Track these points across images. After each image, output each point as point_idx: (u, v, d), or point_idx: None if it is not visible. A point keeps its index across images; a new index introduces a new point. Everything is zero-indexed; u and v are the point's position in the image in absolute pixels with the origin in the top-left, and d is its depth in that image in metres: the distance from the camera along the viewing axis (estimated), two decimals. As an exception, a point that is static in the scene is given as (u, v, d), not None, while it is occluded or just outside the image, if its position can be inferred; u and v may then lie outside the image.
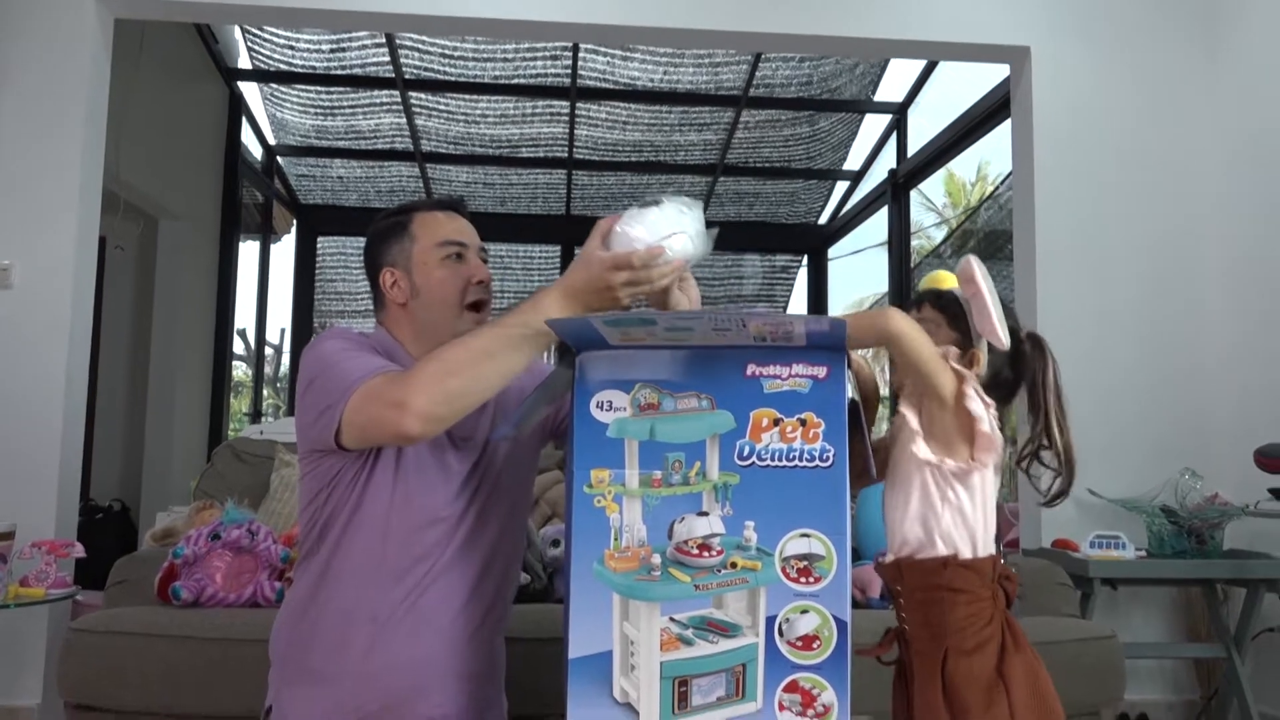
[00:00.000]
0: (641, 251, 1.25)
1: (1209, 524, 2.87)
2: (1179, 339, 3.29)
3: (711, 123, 5.56)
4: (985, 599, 1.19)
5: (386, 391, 1.30)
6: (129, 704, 2.00)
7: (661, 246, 1.26)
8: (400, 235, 1.53)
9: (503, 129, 5.61)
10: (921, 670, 1.19)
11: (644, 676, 1.17)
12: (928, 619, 1.19)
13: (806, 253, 7.06)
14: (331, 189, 6.35)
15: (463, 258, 1.52)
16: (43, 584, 2.54)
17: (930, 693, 1.17)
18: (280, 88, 5.30)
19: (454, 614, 1.44)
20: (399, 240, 1.53)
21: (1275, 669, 3.02)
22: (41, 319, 2.97)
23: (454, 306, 1.50)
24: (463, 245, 1.52)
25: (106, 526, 4.54)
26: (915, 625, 1.21)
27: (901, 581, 1.22)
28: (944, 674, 1.17)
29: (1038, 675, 1.19)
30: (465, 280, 1.50)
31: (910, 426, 1.21)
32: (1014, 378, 1.27)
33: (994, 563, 1.21)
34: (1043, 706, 1.18)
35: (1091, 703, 2.24)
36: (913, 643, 1.22)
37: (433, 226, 1.53)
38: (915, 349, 1.16)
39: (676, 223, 1.27)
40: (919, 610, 1.20)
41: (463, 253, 1.52)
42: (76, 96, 3.05)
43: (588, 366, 1.22)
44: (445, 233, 1.53)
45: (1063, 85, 3.38)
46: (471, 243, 1.54)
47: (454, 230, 1.54)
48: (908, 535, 1.21)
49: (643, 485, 1.19)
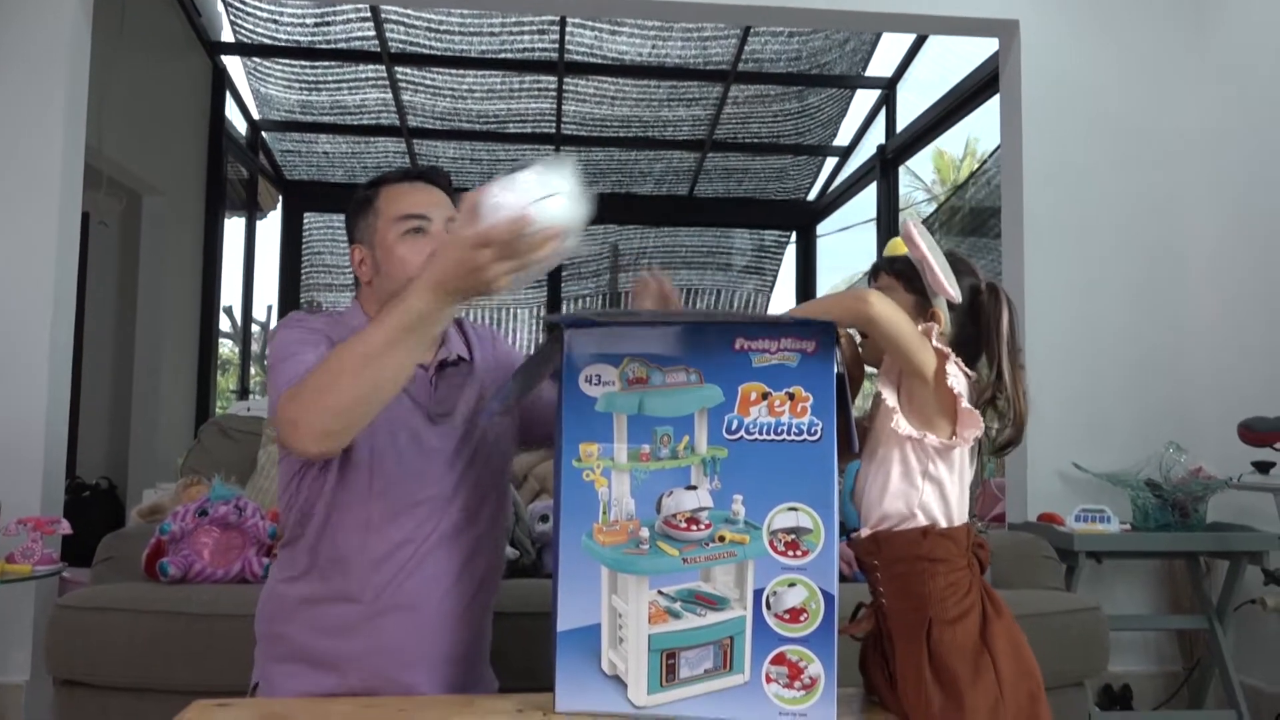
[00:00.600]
0: (503, 222, 1.08)
1: (1193, 497, 2.90)
2: (1165, 313, 3.31)
3: (700, 98, 5.53)
4: (963, 568, 1.20)
5: (285, 409, 1.22)
6: (117, 680, 2.00)
7: (528, 213, 1.08)
8: (366, 210, 1.47)
9: (490, 104, 5.57)
10: (903, 642, 1.20)
11: (632, 649, 1.17)
12: (907, 590, 1.20)
13: (795, 229, 7.06)
14: (317, 164, 6.30)
15: (424, 231, 1.42)
16: (29, 560, 2.53)
17: (915, 664, 1.17)
18: (264, 62, 5.24)
19: (442, 593, 1.43)
20: (365, 216, 1.47)
21: (1256, 640, 3.06)
22: (24, 296, 2.94)
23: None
24: (424, 218, 1.42)
25: (94, 504, 4.53)
26: (894, 598, 1.22)
27: (879, 555, 1.22)
28: (929, 644, 1.17)
29: (1020, 643, 1.20)
30: (428, 254, 1.35)
31: (887, 404, 1.22)
32: (976, 331, 1.27)
33: (968, 531, 1.22)
34: (1027, 674, 1.19)
35: (1076, 674, 2.26)
36: (891, 615, 1.22)
37: (395, 199, 1.44)
38: (894, 330, 1.16)
39: (549, 185, 1.11)
40: (898, 582, 1.21)
41: (424, 226, 1.42)
42: (56, 70, 3.01)
43: (576, 341, 1.21)
44: (405, 205, 1.43)
45: (1051, 59, 3.37)
46: (436, 215, 1.43)
47: (416, 202, 1.43)
48: (888, 510, 1.21)
49: (631, 459, 1.19)
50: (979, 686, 1.15)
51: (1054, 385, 3.20)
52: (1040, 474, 3.21)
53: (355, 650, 1.39)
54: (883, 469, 1.22)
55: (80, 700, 2.03)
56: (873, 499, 1.23)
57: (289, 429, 1.22)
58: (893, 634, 1.22)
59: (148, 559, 2.16)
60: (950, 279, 1.22)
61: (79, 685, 2.04)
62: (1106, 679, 3.07)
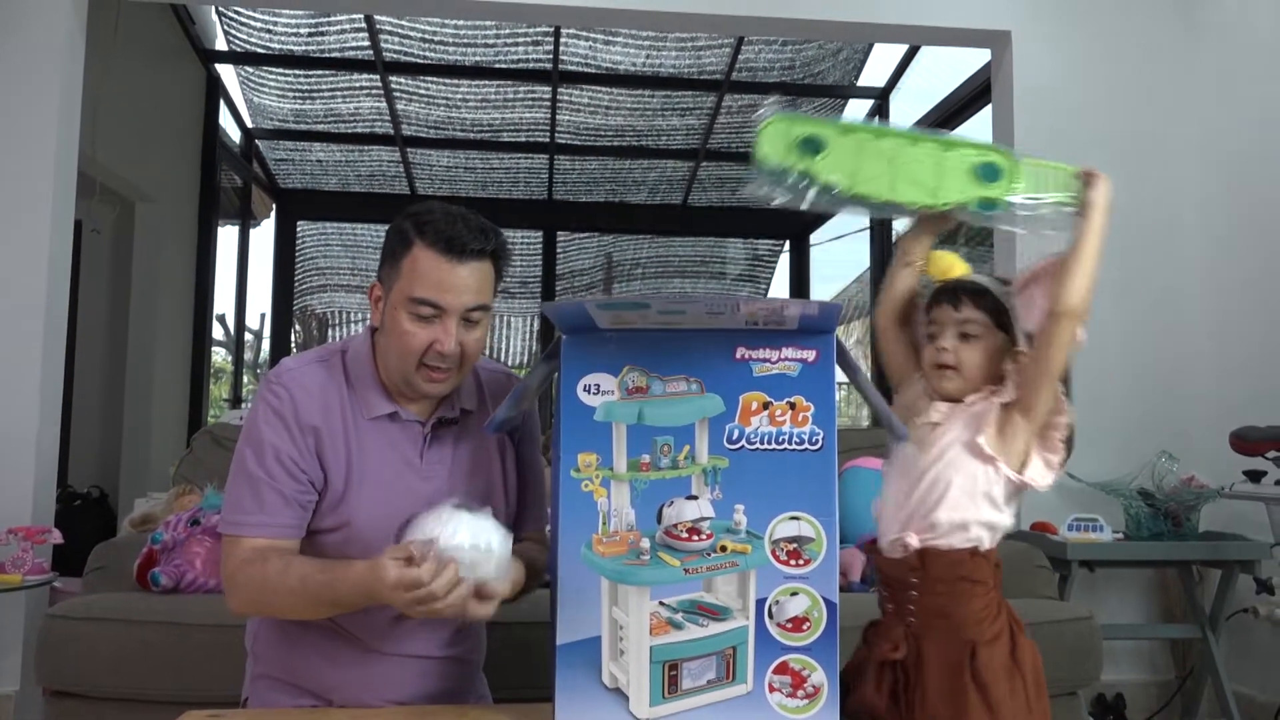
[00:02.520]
0: (441, 582, 1.15)
1: (1185, 506, 2.91)
2: (1157, 323, 3.32)
3: (694, 107, 5.55)
4: (994, 589, 1.21)
5: (224, 570, 1.35)
6: (107, 690, 1.99)
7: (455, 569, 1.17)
8: (397, 257, 1.36)
9: (484, 113, 5.57)
10: (940, 663, 1.19)
11: (633, 661, 1.17)
12: (947, 611, 1.19)
13: (788, 238, 7.07)
14: (311, 173, 6.30)
15: (436, 319, 1.33)
16: (19, 570, 2.52)
17: (955, 686, 1.17)
18: (257, 72, 5.24)
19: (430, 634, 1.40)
20: (394, 260, 1.36)
21: (1249, 649, 3.06)
22: (16, 303, 2.93)
23: (411, 360, 1.34)
24: (438, 309, 1.32)
25: (85, 513, 4.50)
26: (930, 615, 1.21)
27: (923, 573, 1.20)
28: (973, 666, 1.17)
29: (1038, 658, 1.21)
30: (428, 343, 1.33)
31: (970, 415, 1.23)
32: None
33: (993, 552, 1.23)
34: (1043, 687, 1.20)
35: (1069, 683, 2.26)
36: (927, 636, 1.20)
37: (421, 272, 1.32)
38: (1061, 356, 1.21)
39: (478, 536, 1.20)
40: (939, 601, 1.20)
41: (436, 315, 1.33)
42: (50, 78, 3.00)
43: (574, 349, 1.20)
44: (426, 289, 1.32)
45: (1043, 69, 3.39)
46: (453, 306, 1.32)
47: (440, 287, 1.32)
48: (939, 519, 1.21)
49: (631, 469, 1.18)
50: (1014, 703, 1.16)
51: (1047, 395, 3.21)
52: (1034, 483, 3.21)
53: (347, 677, 1.38)
54: (942, 479, 1.22)
55: (70, 711, 2.02)
56: (924, 506, 1.22)
57: (225, 584, 1.35)
58: (925, 654, 1.20)
59: (139, 569, 2.15)
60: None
61: (69, 696, 2.02)
62: (1100, 688, 3.07)
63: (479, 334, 1.37)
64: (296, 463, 1.33)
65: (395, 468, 1.38)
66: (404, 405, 1.40)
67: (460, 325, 1.34)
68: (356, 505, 1.35)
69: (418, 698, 1.39)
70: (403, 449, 1.39)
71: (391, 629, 1.37)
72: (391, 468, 1.37)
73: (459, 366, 1.36)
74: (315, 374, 1.40)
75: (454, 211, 1.37)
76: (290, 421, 1.35)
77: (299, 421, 1.35)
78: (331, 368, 1.41)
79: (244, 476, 1.34)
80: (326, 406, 1.37)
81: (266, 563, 1.30)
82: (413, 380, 1.36)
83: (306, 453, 1.34)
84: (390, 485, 1.36)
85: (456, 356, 1.35)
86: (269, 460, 1.33)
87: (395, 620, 1.36)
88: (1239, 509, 2.97)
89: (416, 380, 1.35)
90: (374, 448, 1.37)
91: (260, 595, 1.32)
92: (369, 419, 1.38)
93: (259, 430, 1.35)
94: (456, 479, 1.41)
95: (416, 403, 1.41)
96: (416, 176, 6.25)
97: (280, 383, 1.37)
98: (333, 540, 1.36)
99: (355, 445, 1.37)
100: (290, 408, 1.35)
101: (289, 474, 1.33)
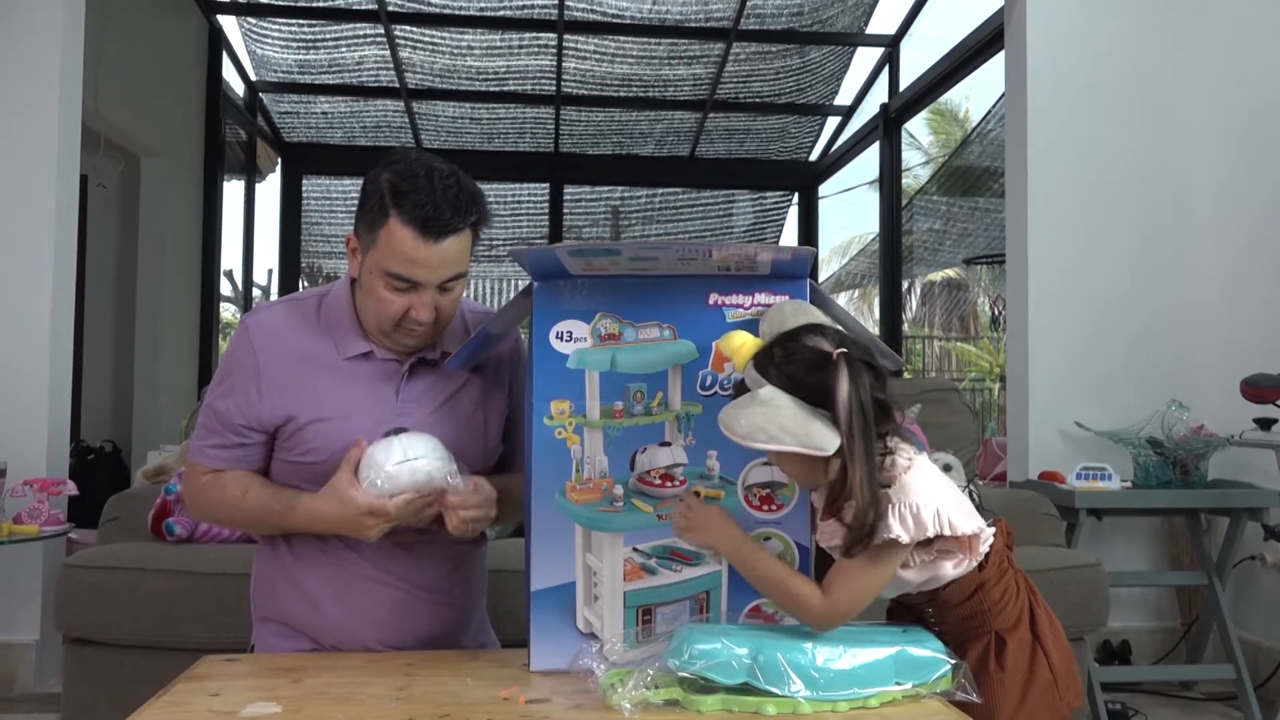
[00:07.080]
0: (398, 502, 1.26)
1: (1194, 455, 2.90)
2: (1167, 271, 3.29)
3: (701, 55, 5.47)
4: (1008, 568, 1.18)
5: (185, 491, 1.48)
6: (124, 637, 2.03)
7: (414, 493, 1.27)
8: (373, 223, 1.32)
9: (489, 60, 5.50)
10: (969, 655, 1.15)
11: (608, 606, 1.17)
12: (965, 614, 1.17)
13: (797, 190, 7.00)
14: (316, 126, 6.24)
15: (411, 290, 1.32)
16: (36, 521, 2.55)
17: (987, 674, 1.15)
18: (260, 22, 5.18)
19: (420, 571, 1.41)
20: (370, 224, 1.32)
21: (1255, 596, 3.08)
22: (24, 259, 2.94)
23: (388, 323, 1.35)
24: (413, 284, 1.31)
25: (99, 466, 4.56)
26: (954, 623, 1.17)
27: (934, 602, 1.17)
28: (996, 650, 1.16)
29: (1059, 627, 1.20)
30: (404, 310, 1.32)
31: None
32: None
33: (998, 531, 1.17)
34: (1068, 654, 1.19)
35: (1076, 629, 2.27)
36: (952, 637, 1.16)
37: (397, 248, 1.29)
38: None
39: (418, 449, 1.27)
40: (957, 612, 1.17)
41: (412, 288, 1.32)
42: (52, 31, 2.97)
43: (546, 296, 1.19)
44: (402, 265, 1.29)
45: (1056, 14, 3.32)
46: (429, 281, 1.31)
47: (415, 263, 1.29)
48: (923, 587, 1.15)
49: (604, 416, 1.18)
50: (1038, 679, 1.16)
51: (1056, 344, 3.20)
52: (1042, 432, 3.21)
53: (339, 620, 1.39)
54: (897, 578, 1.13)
55: (89, 658, 2.06)
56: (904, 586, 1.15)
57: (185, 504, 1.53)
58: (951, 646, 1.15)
59: (154, 519, 2.18)
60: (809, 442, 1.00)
61: (87, 643, 2.06)
62: (1106, 635, 3.10)
63: (455, 294, 1.37)
64: (241, 410, 1.39)
65: (365, 403, 1.39)
66: (381, 345, 1.41)
67: (435, 291, 1.34)
68: (326, 438, 1.36)
69: (407, 637, 1.40)
70: (377, 387, 1.40)
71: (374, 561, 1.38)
72: (361, 403, 1.38)
73: (435, 324, 1.37)
74: (280, 314, 1.44)
75: (435, 178, 1.30)
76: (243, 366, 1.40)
77: (256, 364, 1.39)
78: (305, 309, 1.44)
79: (207, 408, 1.44)
80: (290, 346, 1.40)
81: (224, 489, 1.40)
82: (391, 336, 1.38)
83: (255, 397, 1.39)
84: (361, 419, 1.36)
85: (432, 319, 1.35)
86: (219, 403, 1.42)
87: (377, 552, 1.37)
88: (1247, 458, 2.96)
89: (395, 336, 1.38)
90: (347, 384, 1.39)
91: (217, 515, 1.57)
92: (345, 358, 1.40)
93: (221, 372, 1.44)
94: (434, 417, 1.41)
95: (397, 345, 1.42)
96: (422, 129, 6.19)
97: (245, 325, 1.44)
98: (303, 471, 1.38)
99: (328, 382, 1.39)
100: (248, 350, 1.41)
101: (229, 423, 1.40)
